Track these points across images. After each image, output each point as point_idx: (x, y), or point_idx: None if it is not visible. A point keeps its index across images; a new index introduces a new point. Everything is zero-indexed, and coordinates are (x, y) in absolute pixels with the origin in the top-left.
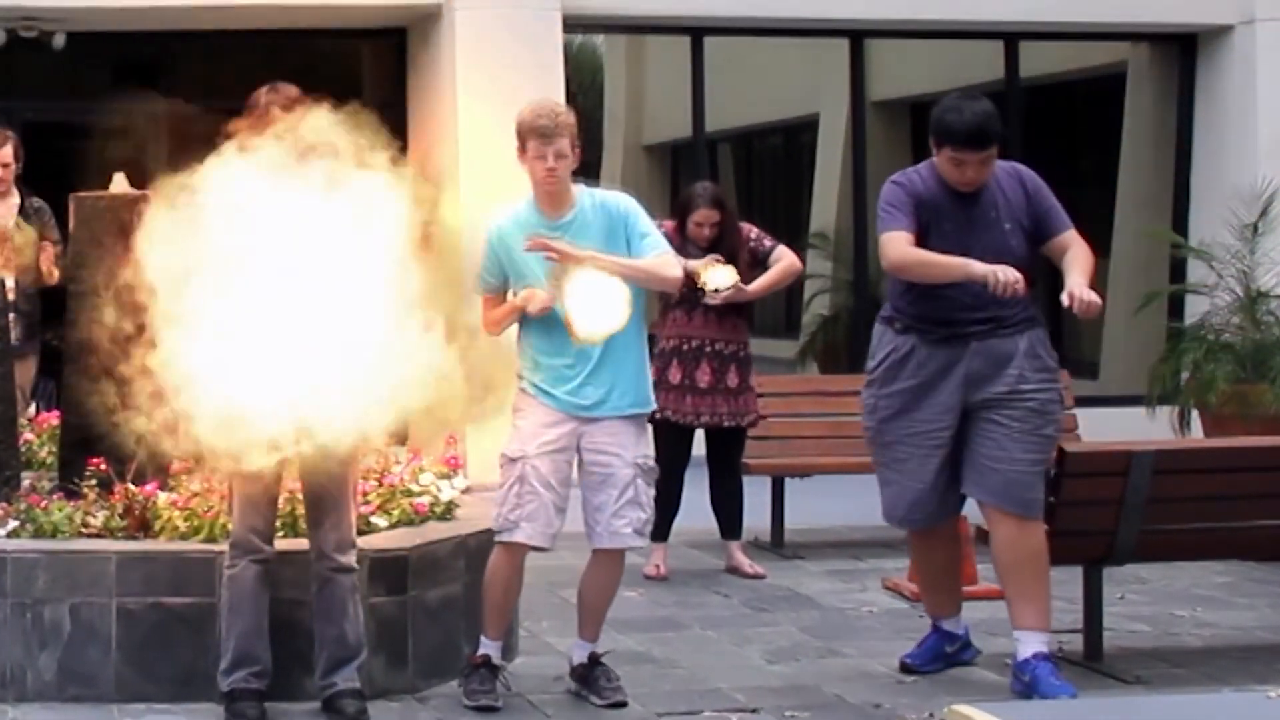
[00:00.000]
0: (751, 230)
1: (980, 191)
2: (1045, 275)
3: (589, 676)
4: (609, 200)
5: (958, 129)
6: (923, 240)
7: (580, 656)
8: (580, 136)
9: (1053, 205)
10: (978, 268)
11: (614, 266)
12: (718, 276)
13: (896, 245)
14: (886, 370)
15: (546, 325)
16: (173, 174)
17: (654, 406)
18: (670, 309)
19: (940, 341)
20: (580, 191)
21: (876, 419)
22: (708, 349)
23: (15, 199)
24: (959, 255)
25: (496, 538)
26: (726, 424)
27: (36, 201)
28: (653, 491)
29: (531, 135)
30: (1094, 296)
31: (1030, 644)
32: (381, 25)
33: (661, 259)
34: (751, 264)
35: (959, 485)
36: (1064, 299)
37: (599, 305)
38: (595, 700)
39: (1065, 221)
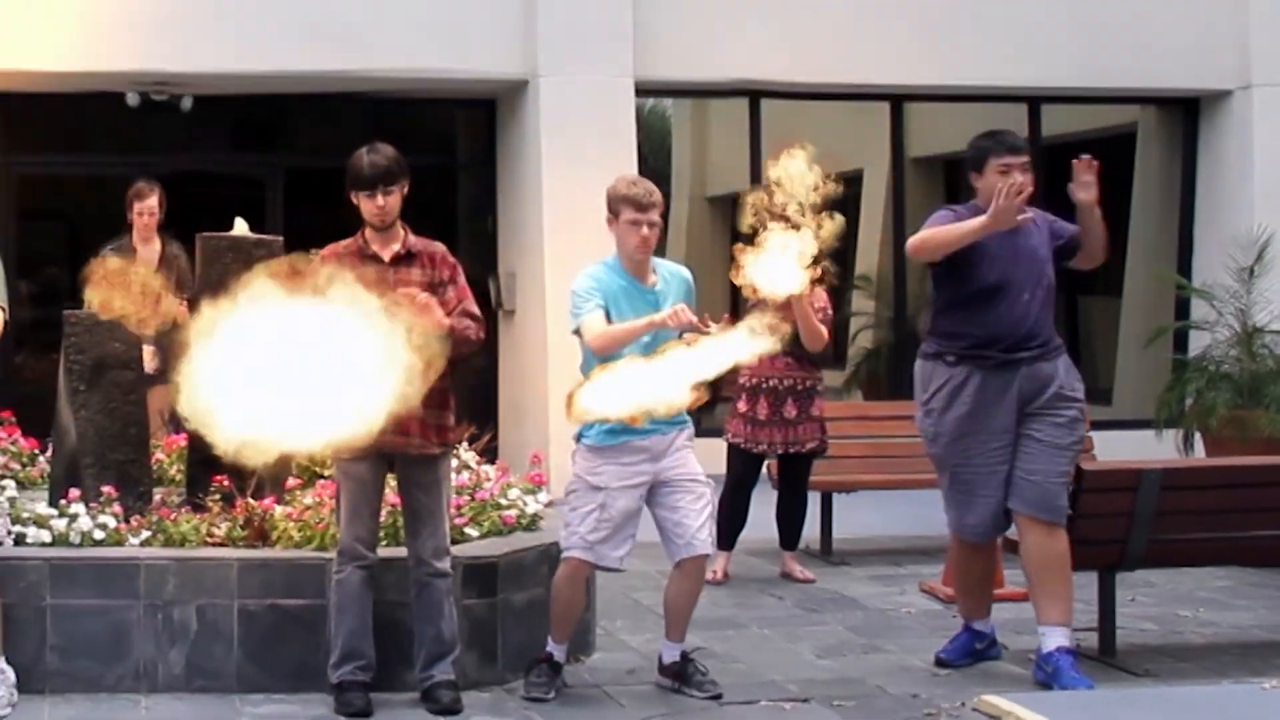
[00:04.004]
0: (823, 301)
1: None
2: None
3: (684, 673)
4: (680, 271)
5: (997, 141)
6: (970, 269)
7: (672, 656)
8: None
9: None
10: (983, 219)
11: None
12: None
13: (919, 234)
14: (945, 398)
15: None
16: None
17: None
18: None
19: (996, 368)
20: (654, 261)
21: (940, 445)
22: (764, 386)
23: (158, 244)
24: (1007, 281)
25: (567, 554)
26: (780, 451)
27: (175, 247)
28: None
29: (627, 205)
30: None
31: (1054, 638)
32: (474, 96)
33: None
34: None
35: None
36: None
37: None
38: (695, 694)
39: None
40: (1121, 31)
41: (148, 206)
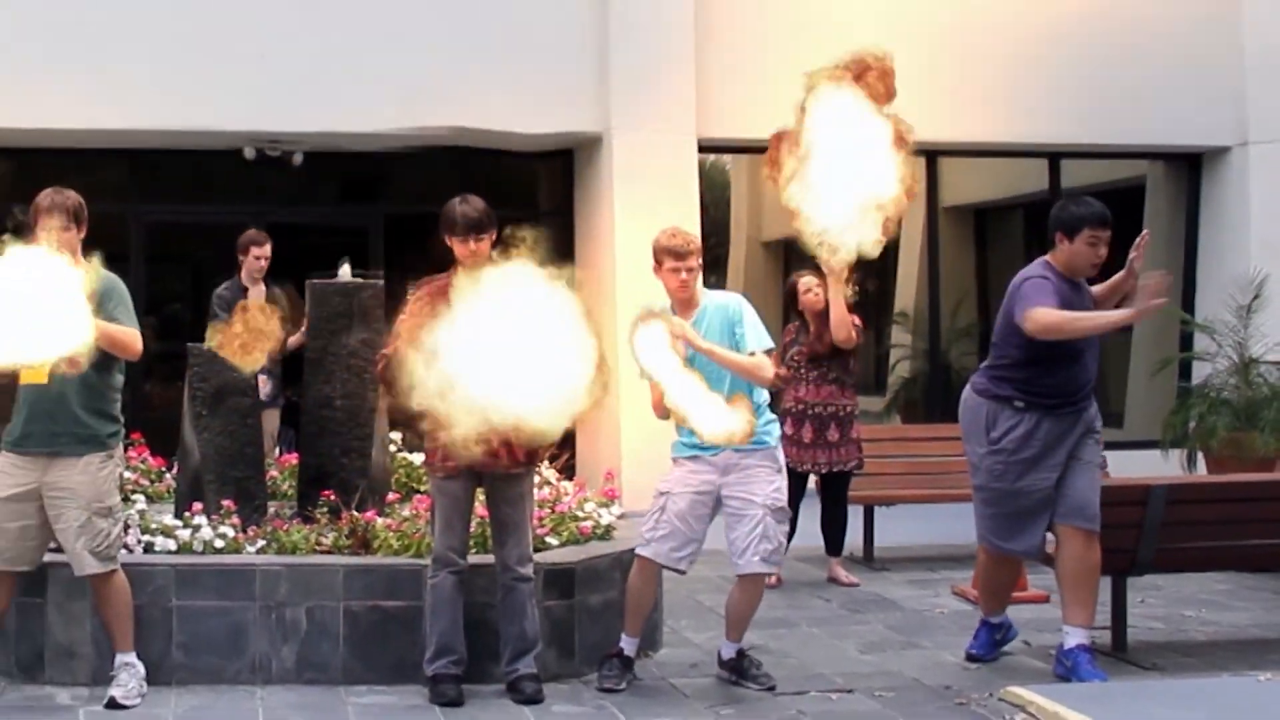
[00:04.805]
0: (855, 318)
1: (1081, 283)
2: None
3: (740, 668)
4: (724, 299)
5: (1093, 213)
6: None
7: (729, 652)
8: (705, 244)
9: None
10: (1128, 313)
11: (725, 360)
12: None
13: (1052, 313)
14: (1016, 441)
15: None
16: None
17: (772, 444)
18: (786, 381)
19: (1066, 415)
20: (703, 295)
21: (1007, 481)
22: (809, 412)
23: (263, 286)
24: (1086, 344)
25: (636, 551)
26: (824, 471)
27: (277, 289)
28: (785, 527)
29: (667, 254)
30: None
31: (1075, 637)
32: (553, 149)
33: (758, 360)
34: (835, 349)
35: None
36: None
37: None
38: (752, 686)
39: None
40: (1132, 95)
41: (263, 253)
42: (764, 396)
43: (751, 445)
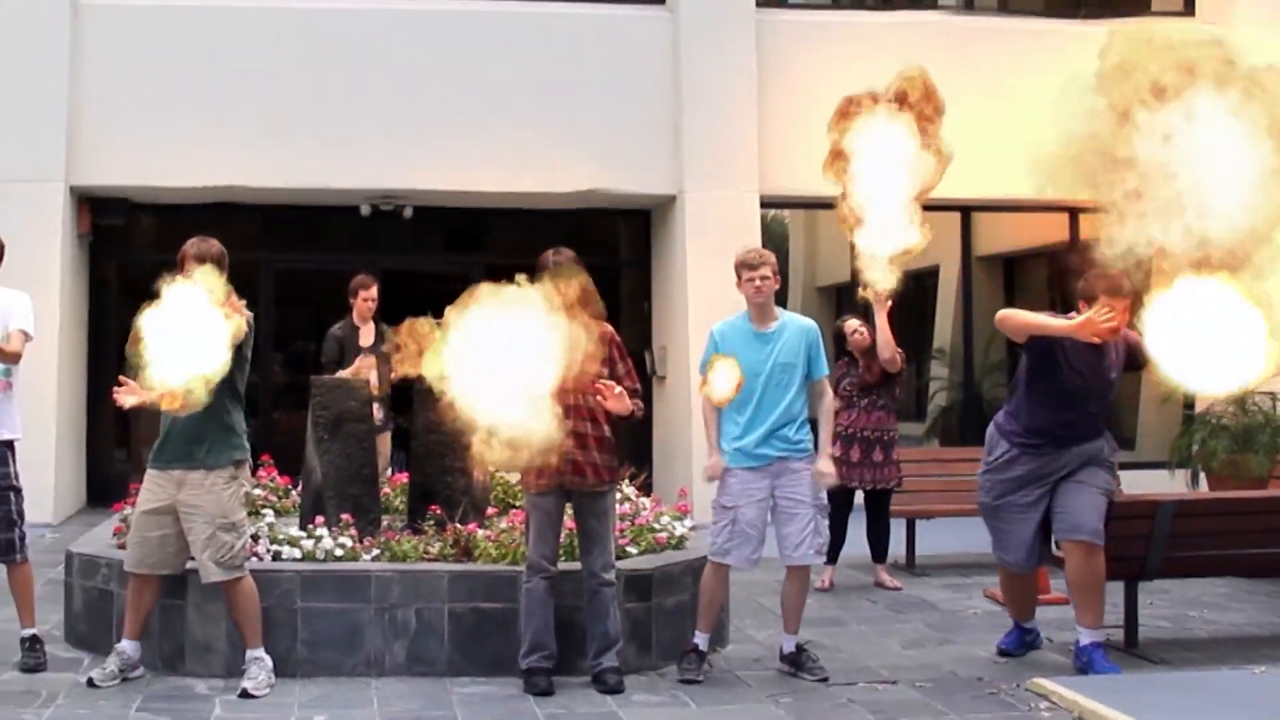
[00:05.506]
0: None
1: (1106, 348)
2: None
3: (799, 660)
4: (804, 322)
5: (1112, 283)
6: (1056, 371)
7: (789, 647)
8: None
9: (1135, 340)
10: (1069, 325)
11: (829, 436)
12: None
13: (1011, 310)
14: (1003, 464)
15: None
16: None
17: (811, 453)
18: (840, 407)
19: (1046, 452)
20: (782, 313)
21: (992, 496)
22: (858, 435)
23: (372, 325)
24: (1082, 392)
25: (709, 558)
26: (868, 488)
27: (384, 327)
28: (826, 521)
29: (743, 267)
30: None
31: (1087, 636)
32: (633, 207)
33: (827, 401)
34: (884, 377)
35: (1045, 545)
36: None
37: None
38: (807, 678)
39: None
40: None
41: (372, 295)
42: (805, 413)
43: (798, 453)
